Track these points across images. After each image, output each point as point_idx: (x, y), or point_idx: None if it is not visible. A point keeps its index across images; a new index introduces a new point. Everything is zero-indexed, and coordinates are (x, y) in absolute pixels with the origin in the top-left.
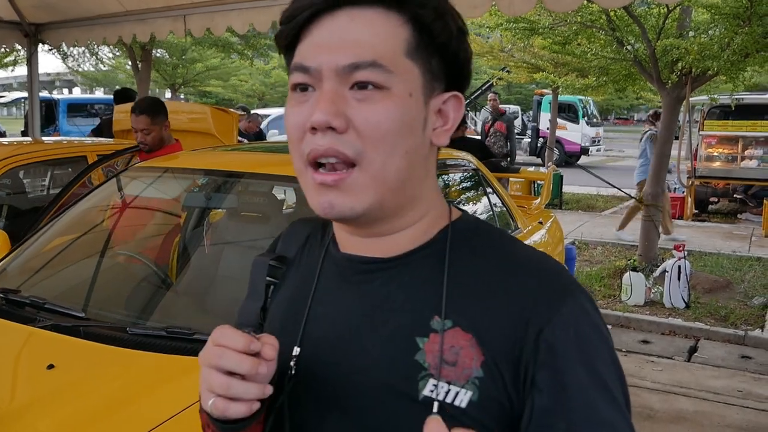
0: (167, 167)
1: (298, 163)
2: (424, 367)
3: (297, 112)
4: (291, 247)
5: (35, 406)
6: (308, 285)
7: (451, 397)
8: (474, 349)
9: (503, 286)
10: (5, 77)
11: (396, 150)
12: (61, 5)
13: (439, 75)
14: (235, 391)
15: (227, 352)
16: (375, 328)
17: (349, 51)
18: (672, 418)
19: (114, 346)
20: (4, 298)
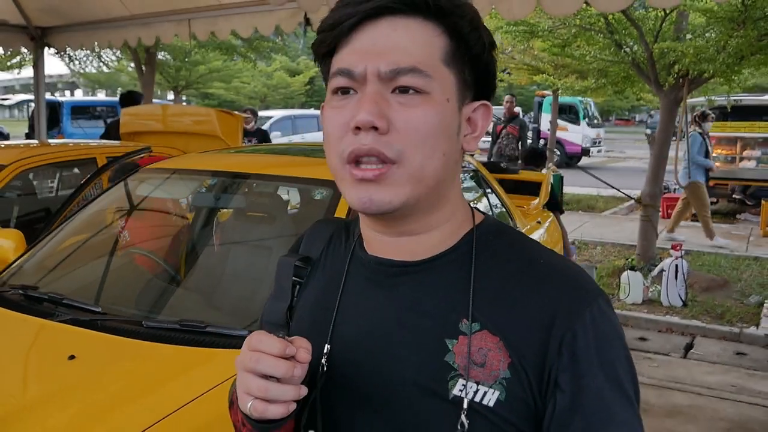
0: (176, 169)
1: (336, 161)
2: (453, 368)
3: (338, 113)
4: (315, 248)
5: (59, 393)
6: (335, 285)
7: (480, 397)
8: (501, 351)
9: (527, 291)
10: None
11: (434, 151)
12: (67, 9)
13: (471, 84)
14: (273, 394)
15: (264, 357)
16: (405, 330)
17: (392, 57)
18: (667, 412)
19: (131, 339)
20: (23, 294)
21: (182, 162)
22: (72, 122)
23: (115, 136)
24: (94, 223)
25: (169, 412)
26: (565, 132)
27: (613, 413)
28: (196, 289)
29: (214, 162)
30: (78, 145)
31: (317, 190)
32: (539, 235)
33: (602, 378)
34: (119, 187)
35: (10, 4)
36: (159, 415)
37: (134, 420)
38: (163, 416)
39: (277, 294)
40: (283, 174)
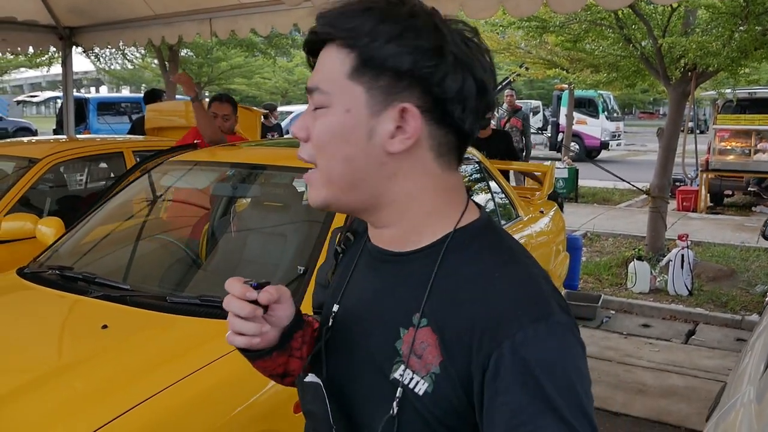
0: (197, 161)
1: None
2: (399, 354)
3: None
4: (362, 225)
5: (96, 355)
6: (353, 261)
7: (413, 384)
8: (437, 349)
9: (475, 299)
10: (35, 76)
11: (335, 156)
12: (94, 10)
13: (395, 90)
14: (236, 327)
15: (232, 300)
16: (378, 311)
17: (311, 79)
18: (663, 392)
19: (156, 312)
20: (60, 273)
21: (204, 154)
22: (98, 118)
23: (141, 131)
24: (121, 211)
25: (189, 373)
26: (584, 125)
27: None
28: (215, 271)
29: (234, 155)
30: (105, 140)
31: None
32: (543, 224)
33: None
34: (144, 178)
35: (40, 6)
36: (180, 375)
37: (160, 378)
38: (183, 376)
39: (327, 258)
40: (295, 165)
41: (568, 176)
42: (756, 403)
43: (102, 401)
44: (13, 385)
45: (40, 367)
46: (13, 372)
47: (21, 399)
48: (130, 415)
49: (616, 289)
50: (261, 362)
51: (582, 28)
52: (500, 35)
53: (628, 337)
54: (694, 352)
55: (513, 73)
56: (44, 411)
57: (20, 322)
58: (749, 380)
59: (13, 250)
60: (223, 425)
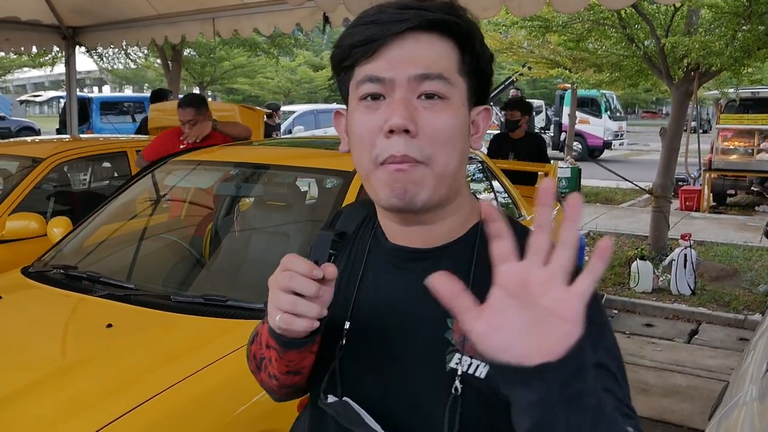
0: (201, 160)
1: (368, 165)
2: (451, 344)
3: (369, 117)
4: (351, 225)
5: (101, 354)
6: (358, 263)
7: (472, 369)
8: None
9: None
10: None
11: (455, 151)
12: (97, 9)
13: (476, 91)
14: (300, 309)
15: (296, 276)
16: (416, 308)
17: (420, 64)
18: (665, 391)
19: (160, 311)
20: (64, 273)
21: (207, 154)
22: (101, 118)
23: (146, 131)
24: (126, 210)
25: (193, 372)
26: (587, 125)
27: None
28: (218, 270)
29: (237, 154)
30: (109, 140)
31: (328, 179)
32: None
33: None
34: (146, 178)
35: (44, 5)
36: (184, 374)
37: (164, 377)
38: (187, 375)
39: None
40: (299, 165)
41: (571, 176)
42: (758, 402)
43: (106, 400)
44: (18, 384)
45: (45, 366)
46: (18, 371)
47: (26, 398)
48: (135, 413)
49: (619, 289)
50: (295, 353)
51: (585, 27)
52: (503, 35)
53: (631, 336)
54: (696, 352)
55: (516, 72)
56: (49, 410)
57: (25, 321)
58: (752, 379)
59: (18, 249)
60: (227, 424)
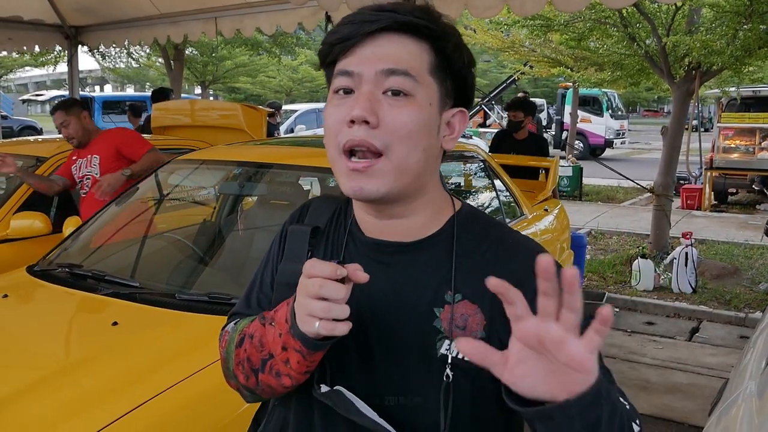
0: (204, 159)
1: (333, 152)
2: (440, 331)
3: (338, 109)
4: (321, 219)
5: (107, 351)
6: (335, 258)
7: (461, 354)
8: (479, 316)
9: (499, 266)
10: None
11: (416, 146)
12: (100, 9)
13: (451, 93)
14: (335, 314)
15: (326, 283)
16: (402, 301)
17: (389, 60)
18: (666, 389)
19: (165, 309)
20: (69, 271)
21: (210, 153)
22: (103, 117)
23: (149, 130)
24: (130, 209)
25: (198, 370)
26: (589, 124)
27: None
28: (222, 269)
29: (240, 153)
30: None
31: (332, 179)
32: (547, 222)
33: None
34: (150, 178)
35: (46, 5)
36: (190, 371)
37: (170, 375)
38: (193, 372)
39: (290, 258)
40: (302, 164)
41: (573, 174)
42: (757, 398)
43: (112, 398)
44: (24, 382)
45: (50, 364)
46: (24, 369)
47: (31, 396)
48: (140, 411)
49: (620, 287)
50: (319, 354)
51: (586, 26)
52: (504, 34)
53: (632, 334)
54: (697, 350)
55: (517, 71)
56: (53, 408)
57: (30, 320)
58: (751, 376)
59: (22, 248)
60: (230, 421)
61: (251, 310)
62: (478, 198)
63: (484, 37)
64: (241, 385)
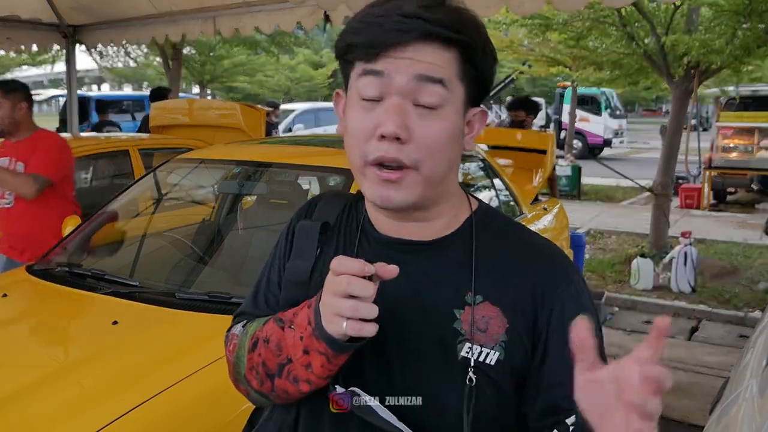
0: (203, 159)
1: (359, 161)
2: (461, 333)
3: (365, 116)
4: (330, 215)
5: (108, 350)
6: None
7: (483, 357)
8: (500, 319)
9: (520, 268)
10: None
11: (444, 158)
12: (98, 8)
13: (475, 94)
14: (363, 313)
15: (354, 280)
16: (420, 301)
17: (421, 66)
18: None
19: (165, 308)
20: (69, 270)
21: (209, 152)
22: (100, 116)
23: (147, 129)
24: (130, 208)
25: (199, 368)
26: (587, 123)
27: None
28: (221, 268)
29: (239, 152)
30: (110, 138)
31: (332, 178)
32: (546, 221)
33: None
34: (148, 177)
35: (44, 4)
36: (190, 370)
37: (171, 374)
38: (193, 371)
39: (299, 254)
40: (301, 163)
41: (572, 174)
42: (758, 397)
43: (112, 397)
44: (24, 382)
45: (50, 363)
46: (24, 368)
47: (31, 395)
48: (140, 410)
49: (620, 287)
50: (344, 357)
51: (585, 25)
52: (503, 33)
53: (632, 333)
54: (697, 349)
55: (516, 71)
56: (53, 407)
57: (30, 319)
58: (752, 374)
59: None
60: (231, 420)
61: (259, 309)
62: (477, 196)
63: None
64: (253, 390)
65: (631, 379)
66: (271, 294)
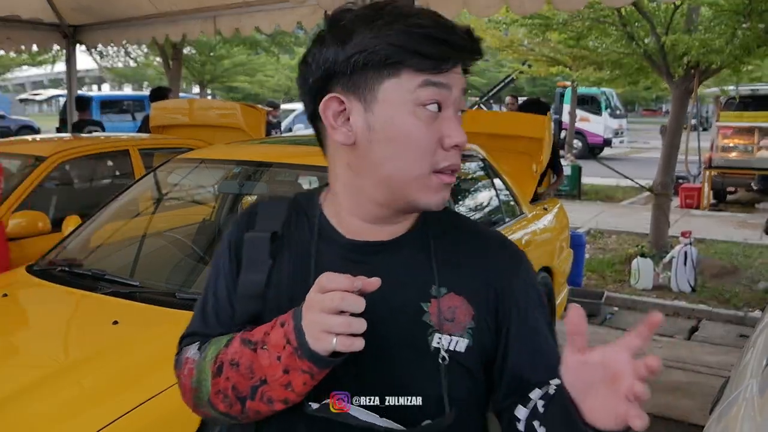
0: (204, 158)
1: (424, 170)
2: (430, 326)
3: (431, 128)
4: (275, 224)
5: (109, 349)
6: (305, 264)
7: (453, 345)
8: (466, 307)
9: (477, 256)
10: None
11: None
12: (98, 8)
13: None
14: (356, 328)
15: (347, 296)
16: (388, 300)
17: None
18: (666, 388)
19: (166, 308)
20: (69, 270)
21: (210, 152)
22: (101, 116)
23: (148, 129)
24: (130, 208)
25: None
26: (587, 123)
27: (541, 327)
28: None
29: (239, 152)
30: (111, 138)
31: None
32: (547, 221)
33: (535, 307)
34: (149, 177)
35: (44, 4)
36: None
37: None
38: None
39: (250, 268)
40: (301, 163)
41: (572, 174)
42: (758, 397)
43: (113, 397)
44: (24, 382)
45: (50, 363)
46: (24, 368)
47: (31, 395)
48: (141, 410)
49: (620, 286)
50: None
51: (585, 25)
52: (503, 32)
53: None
54: (697, 348)
55: (516, 70)
56: (53, 407)
57: (30, 319)
58: (752, 374)
59: (22, 247)
60: None
61: (209, 328)
62: (477, 197)
63: (482, 36)
64: (219, 414)
65: (619, 363)
66: (222, 311)
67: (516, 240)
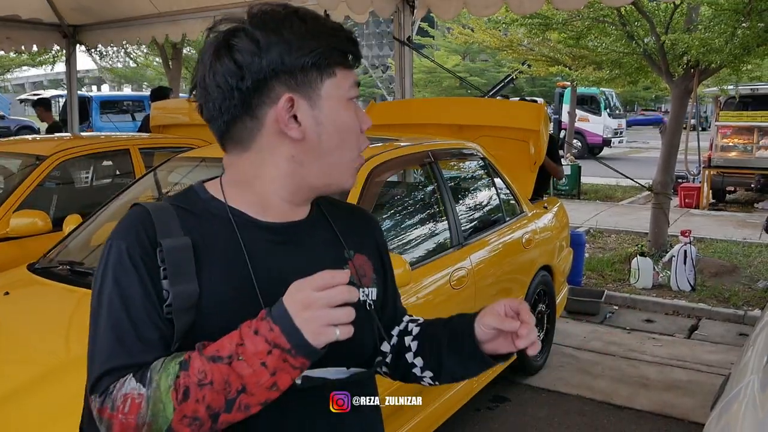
0: (204, 157)
1: (355, 153)
2: (354, 283)
3: (354, 116)
4: (174, 230)
5: None
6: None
7: (371, 296)
8: (368, 263)
9: (357, 223)
10: (37, 75)
11: None
12: (98, 8)
13: None
14: (353, 316)
15: (352, 289)
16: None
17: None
18: (666, 386)
19: None
20: (70, 269)
21: (210, 151)
22: (101, 116)
23: (148, 129)
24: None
25: None
26: (587, 123)
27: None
28: None
29: None
30: (111, 138)
31: None
32: (546, 220)
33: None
34: (151, 175)
35: (44, 4)
36: None
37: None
38: None
39: (179, 278)
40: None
41: (571, 173)
42: (760, 393)
43: None
44: (25, 379)
45: (52, 361)
46: (25, 366)
47: (33, 392)
48: None
49: (619, 285)
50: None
51: (584, 25)
52: (503, 33)
53: (632, 332)
54: (697, 347)
55: (515, 70)
56: (55, 405)
57: (31, 317)
58: (752, 371)
59: (23, 246)
60: None
61: (134, 356)
62: (477, 195)
63: (482, 36)
64: None
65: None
66: (146, 334)
67: (516, 238)
